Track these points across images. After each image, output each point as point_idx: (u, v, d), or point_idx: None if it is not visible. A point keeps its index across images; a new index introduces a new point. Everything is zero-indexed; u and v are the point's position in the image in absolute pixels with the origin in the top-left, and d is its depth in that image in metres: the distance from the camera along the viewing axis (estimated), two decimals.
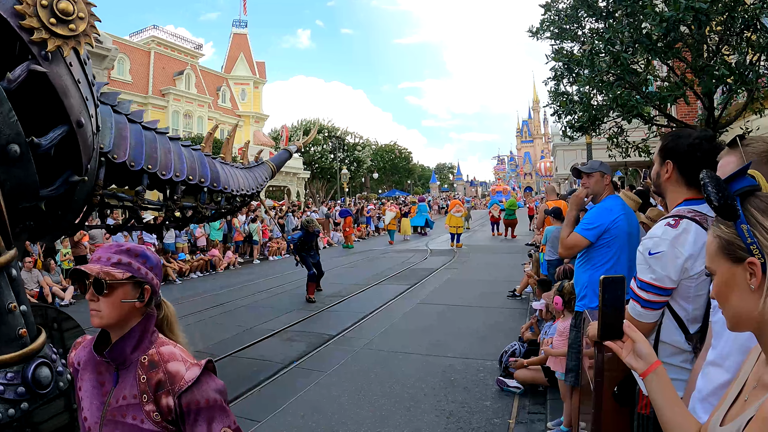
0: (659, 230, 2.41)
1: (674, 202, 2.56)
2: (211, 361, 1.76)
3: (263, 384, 6.59)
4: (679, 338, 2.38)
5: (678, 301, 2.38)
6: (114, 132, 5.06)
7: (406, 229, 28.05)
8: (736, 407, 1.29)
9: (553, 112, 10.65)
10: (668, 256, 2.32)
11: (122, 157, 5.06)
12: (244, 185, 7.76)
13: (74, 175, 3.98)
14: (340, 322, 9.46)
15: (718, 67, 7.84)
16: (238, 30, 48.33)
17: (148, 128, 5.75)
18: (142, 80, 35.06)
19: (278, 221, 24.28)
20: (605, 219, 3.98)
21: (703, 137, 2.47)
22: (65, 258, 14.54)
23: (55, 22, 3.11)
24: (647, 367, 1.54)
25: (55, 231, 5.04)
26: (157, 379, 1.68)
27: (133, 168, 5.23)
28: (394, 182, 73.24)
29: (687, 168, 2.49)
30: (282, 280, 15.20)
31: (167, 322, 1.94)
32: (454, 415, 5.36)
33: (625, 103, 8.52)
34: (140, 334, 1.76)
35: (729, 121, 9.45)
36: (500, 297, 11.03)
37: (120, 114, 5.34)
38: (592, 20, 10.00)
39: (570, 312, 4.80)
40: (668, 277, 2.32)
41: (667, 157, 2.56)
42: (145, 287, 1.78)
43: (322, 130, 50.38)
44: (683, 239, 2.32)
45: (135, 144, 5.31)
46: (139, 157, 5.34)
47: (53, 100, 3.37)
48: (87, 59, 3.96)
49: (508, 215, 25.95)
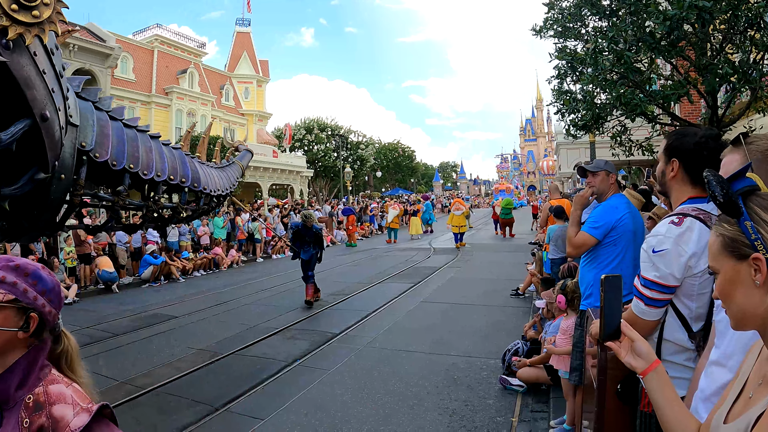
0: (663, 228, 2.40)
1: (678, 200, 2.56)
2: (107, 406, 1.45)
3: (266, 382, 6.60)
4: (683, 336, 2.38)
5: (681, 299, 2.38)
6: (96, 129, 4.93)
7: (417, 228, 27.85)
8: (740, 404, 1.29)
9: (556, 111, 10.63)
10: (672, 254, 2.32)
11: (104, 156, 4.95)
12: (220, 185, 7.73)
13: (40, 172, 3.82)
14: (343, 321, 9.47)
15: (721, 65, 7.82)
16: (241, 28, 48.31)
17: (129, 126, 5.63)
18: (145, 79, 35.08)
19: (282, 220, 24.34)
20: (611, 217, 3.97)
21: (709, 136, 2.47)
22: (68, 256, 14.58)
23: (17, 8, 2.94)
24: (647, 366, 1.55)
25: (32, 232, 4.89)
26: (39, 425, 1.38)
27: (115, 167, 5.10)
28: (398, 181, 73.17)
29: (692, 166, 2.48)
30: (285, 279, 15.22)
31: (67, 357, 1.61)
32: (457, 413, 5.36)
33: (628, 101, 8.51)
34: (26, 369, 1.45)
35: (732, 120, 9.43)
36: (503, 295, 11.03)
37: (101, 111, 5.21)
38: (596, 18, 9.98)
39: (573, 310, 4.81)
40: (672, 275, 2.32)
41: (672, 156, 2.55)
42: (31, 315, 1.45)
43: (325, 128, 50.36)
44: (687, 237, 2.32)
45: (117, 142, 5.19)
46: (121, 156, 5.20)
47: (15, 91, 3.18)
48: (55, 48, 3.77)
49: (504, 214, 25.86)
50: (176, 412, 5.77)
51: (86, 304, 12.98)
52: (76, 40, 24.96)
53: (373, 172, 60.84)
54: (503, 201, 26.88)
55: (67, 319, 10.78)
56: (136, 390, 6.42)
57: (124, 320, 10.72)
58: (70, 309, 12.50)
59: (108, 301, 13.45)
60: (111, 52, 27.20)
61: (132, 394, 6.29)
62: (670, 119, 10.17)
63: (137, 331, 9.66)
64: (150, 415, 5.71)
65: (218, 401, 6.00)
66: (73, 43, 24.74)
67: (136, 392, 6.34)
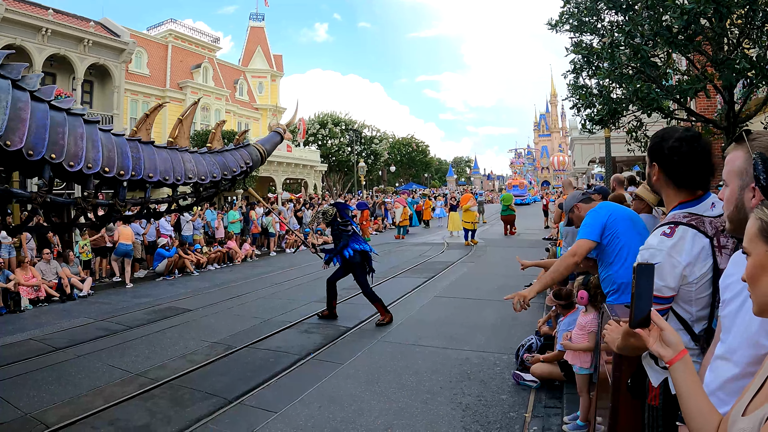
0: (655, 240, 2.39)
1: (669, 205, 2.55)
2: None
3: (280, 375, 6.62)
4: (685, 339, 2.35)
5: (680, 305, 2.36)
6: (9, 113, 4.30)
7: (456, 224, 23.07)
8: (760, 397, 1.28)
9: (572, 105, 10.61)
10: (665, 266, 2.30)
11: (17, 144, 4.31)
12: (203, 171, 6.81)
13: None
14: (356, 315, 9.48)
15: (738, 60, 7.75)
16: (255, 23, 48.37)
17: (58, 108, 4.98)
18: (159, 74, 35.21)
19: (296, 214, 24.38)
20: (598, 217, 4.10)
21: (683, 138, 2.41)
22: (83, 250, 14.70)
23: None
24: (674, 356, 1.53)
25: None
26: None
27: (31, 157, 4.47)
28: (411, 175, 73.20)
29: (670, 171, 2.46)
30: (299, 273, 15.28)
31: None
32: (471, 408, 5.36)
33: (644, 96, 8.45)
34: None
35: (749, 116, 9.35)
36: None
37: (23, 90, 4.60)
38: (612, 13, 9.91)
39: (594, 307, 4.79)
40: (666, 286, 2.31)
41: (652, 159, 2.53)
42: None
43: (339, 122, 50.41)
44: (679, 247, 2.31)
45: (36, 128, 4.57)
46: (40, 144, 4.56)
47: None
48: None
49: (503, 211, 24.38)
50: (190, 404, 5.80)
51: (101, 297, 13.09)
52: (90, 35, 25.12)
53: (387, 166, 60.88)
54: (503, 197, 25.85)
55: (82, 311, 10.93)
56: (150, 382, 6.47)
57: (138, 313, 10.79)
58: (85, 302, 12.61)
59: (122, 294, 13.56)
60: (125, 47, 27.34)
61: (146, 386, 6.34)
62: (686, 114, 10.10)
63: (151, 323, 9.73)
64: (164, 407, 5.75)
65: (232, 394, 6.03)
66: (88, 38, 24.88)
67: (150, 384, 6.39)
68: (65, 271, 13.20)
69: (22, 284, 11.99)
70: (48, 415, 5.59)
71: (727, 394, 1.68)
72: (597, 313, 4.67)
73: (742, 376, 1.64)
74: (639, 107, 9.51)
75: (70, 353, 7.96)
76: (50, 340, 8.85)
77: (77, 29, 24.76)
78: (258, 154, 8.16)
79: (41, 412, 5.68)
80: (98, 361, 7.52)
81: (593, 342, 4.56)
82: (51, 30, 23.33)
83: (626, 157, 18.60)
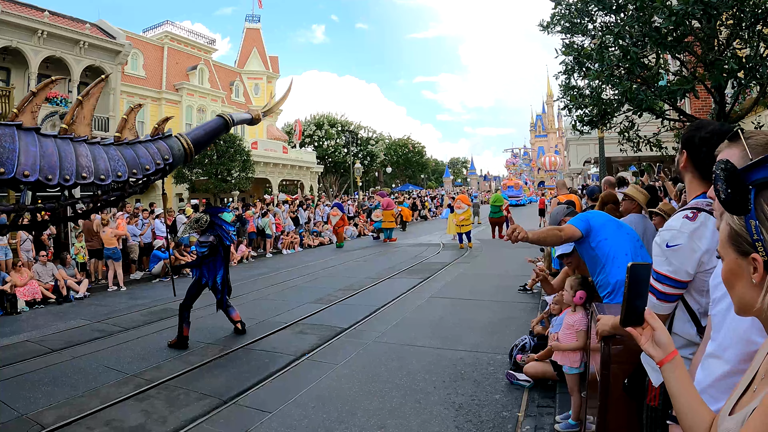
0: (677, 222, 2.41)
1: (692, 193, 2.56)
2: None
3: (275, 375, 6.66)
4: (691, 331, 2.39)
5: (692, 294, 2.38)
6: None
7: (453, 227, 20.96)
8: (746, 397, 1.30)
9: (563, 106, 10.63)
10: (686, 249, 2.32)
11: None
12: (103, 168, 5.58)
13: None
14: (351, 316, 9.51)
15: (727, 61, 7.80)
16: (251, 25, 48.32)
17: None
18: (155, 75, 35.15)
19: (290, 215, 24.37)
20: (585, 216, 4.24)
21: (717, 132, 2.42)
22: (79, 252, 14.71)
23: None
24: (665, 356, 1.55)
25: None
26: None
27: None
28: (408, 176, 73.20)
29: (697, 160, 2.49)
30: (294, 274, 15.30)
31: None
32: (464, 407, 5.40)
33: (634, 97, 8.50)
34: None
35: (740, 116, 9.40)
36: (511, 291, 11.03)
37: None
38: (603, 14, 9.95)
39: (582, 306, 4.83)
40: (685, 270, 2.33)
41: (683, 147, 2.56)
42: None
43: (335, 124, 50.42)
44: (701, 233, 2.32)
45: None
46: None
47: None
48: None
49: (493, 213, 22.53)
50: (185, 404, 5.84)
51: (97, 299, 13.11)
52: (86, 37, 25.10)
53: (383, 167, 60.87)
54: (492, 197, 24.11)
55: (79, 313, 10.95)
56: (146, 383, 6.50)
57: (134, 315, 10.83)
58: (81, 304, 12.63)
59: (118, 296, 13.58)
60: (121, 49, 27.29)
61: (142, 387, 6.38)
62: (678, 115, 10.15)
63: (147, 325, 9.77)
64: (159, 408, 5.78)
65: (227, 394, 6.07)
66: (84, 40, 24.87)
67: (146, 385, 6.42)
68: (62, 273, 13.23)
69: (18, 286, 12.01)
70: (44, 416, 5.62)
71: (719, 391, 1.70)
72: (585, 312, 4.71)
73: (733, 374, 1.66)
74: (630, 108, 9.56)
75: (67, 355, 7.99)
76: (46, 342, 8.87)
77: (73, 31, 24.71)
78: (181, 149, 6.85)
79: (37, 413, 5.72)
80: (94, 362, 7.55)
81: (582, 340, 4.60)
82: (47, 32, 23.29)
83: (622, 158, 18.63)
